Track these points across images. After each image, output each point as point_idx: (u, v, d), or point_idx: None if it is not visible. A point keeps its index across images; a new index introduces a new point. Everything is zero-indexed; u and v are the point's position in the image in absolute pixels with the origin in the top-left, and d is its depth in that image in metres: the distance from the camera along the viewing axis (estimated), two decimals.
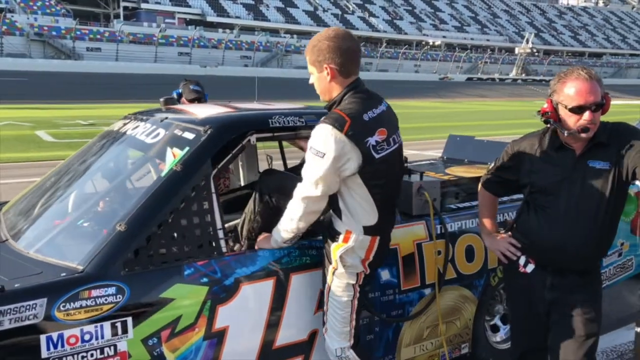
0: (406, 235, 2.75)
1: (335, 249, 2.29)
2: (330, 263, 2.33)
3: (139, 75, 41.82)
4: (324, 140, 2.13)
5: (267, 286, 2.36)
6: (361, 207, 2.26)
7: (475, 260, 2.99)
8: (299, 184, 2.25)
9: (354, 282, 2.33)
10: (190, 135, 2.41)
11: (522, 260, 2.40)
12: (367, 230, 2.28)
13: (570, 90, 2.12)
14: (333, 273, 2.33)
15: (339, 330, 2.37)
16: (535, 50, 76.29)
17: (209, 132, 2.39)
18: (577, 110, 2.11)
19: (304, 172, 2.22)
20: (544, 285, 2.34)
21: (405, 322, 2.77)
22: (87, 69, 43.43)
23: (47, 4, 54.66)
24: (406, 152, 2.66)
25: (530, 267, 2.38)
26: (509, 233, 2.49)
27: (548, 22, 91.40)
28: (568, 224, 2.23)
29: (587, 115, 2.10)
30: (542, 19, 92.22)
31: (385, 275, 2.67)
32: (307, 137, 2.60)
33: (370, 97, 2.29)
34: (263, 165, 3.89)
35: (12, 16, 49.65)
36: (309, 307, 2.48)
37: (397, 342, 2.77)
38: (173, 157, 2.33)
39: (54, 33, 50.76)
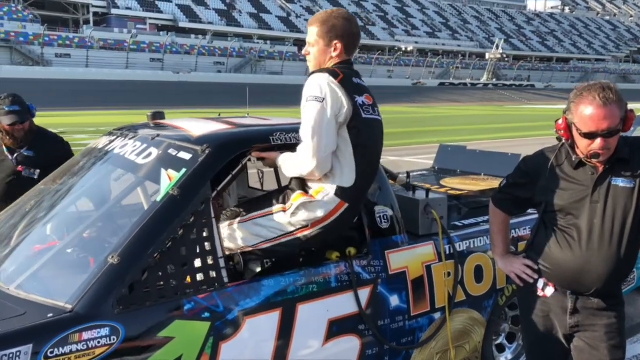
0: (414, 258, 2.60)
1: (298, 197, 2.20)
2: (284, 203, 2.23)
3: (110, 82, 41.03)
4: (321, 86, 2.17)
5: (272, 318, 2.18)
6: (341, 165, 2.21)
7: (484, 280, 2.86)
8: (301, 145, 2.18)
9: (285, 230, 2.22)
10: (186, 156, 2.22)
11: (541, 283, 2.27)
12: (339, 192, 2.20)
13: (583, 115, 1.99)
14: (280, 210, 2.23)
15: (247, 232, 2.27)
16: (505, 56, 77.52)
17: (207, 151, 2.20)
18: (589, 136, 1.99)
19: (303, 128, 2.17)
20: (565, 309, 2.22)
21: (416, 349, 2.62)
22: (56, 76, 42.53)
23: (14, 9, 53.42)
24: (384, 159, 2.57)
25: (549, 291, 2.25)
26: (524, 254, 2.37)
27: (517, 28, 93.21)
28: (591, 246, 2.11)
29: (598, 142, 1.98)
30: (511, 25, 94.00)
31: (394, 301, 2.51)
32: None
33: (357, 73, 2.39)
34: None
35: None
36: (317, 339, 2.30)
37: None
38: (169, 179, 2.14)
39: (21, 39, 49.62)
